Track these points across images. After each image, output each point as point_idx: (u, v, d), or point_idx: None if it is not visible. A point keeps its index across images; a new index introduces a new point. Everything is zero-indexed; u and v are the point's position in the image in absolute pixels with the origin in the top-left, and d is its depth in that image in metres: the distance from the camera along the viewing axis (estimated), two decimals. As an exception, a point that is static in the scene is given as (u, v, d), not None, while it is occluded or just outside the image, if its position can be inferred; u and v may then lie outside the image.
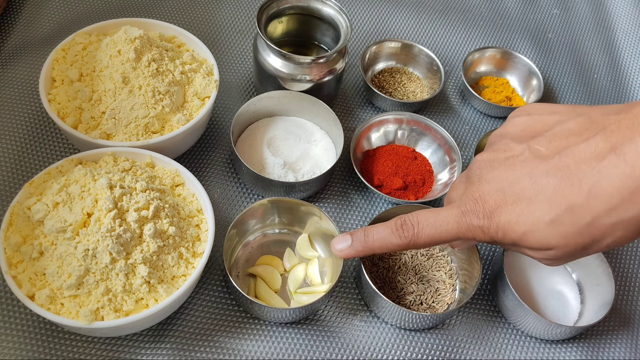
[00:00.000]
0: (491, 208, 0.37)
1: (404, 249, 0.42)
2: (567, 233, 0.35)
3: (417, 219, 0.40)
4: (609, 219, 0.34)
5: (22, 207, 0.47)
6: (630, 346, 0.56)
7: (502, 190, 0.37)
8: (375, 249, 0.43)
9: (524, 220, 0.36)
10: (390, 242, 0.42)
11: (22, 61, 0.67)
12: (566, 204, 0.34)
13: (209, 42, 0.72)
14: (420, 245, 0.41)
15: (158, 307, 0.44)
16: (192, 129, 0.56)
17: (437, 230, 0.40)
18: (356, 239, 0.44)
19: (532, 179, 0.36)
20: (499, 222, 0.37)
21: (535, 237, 0.36)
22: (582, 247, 0.36)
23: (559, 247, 0.36)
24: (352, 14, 0.82)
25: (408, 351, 0.53)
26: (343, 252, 0.44)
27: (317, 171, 0.59)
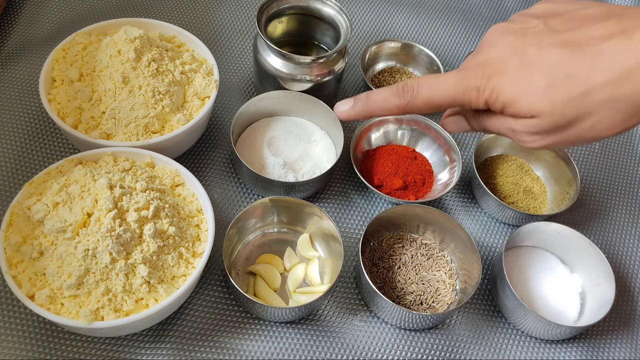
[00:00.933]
0: (492, 71, 0.38)
1: (402, 111, 0.42)
2: (557, 100, 0.36)
3: (418, 81, 0.41)
4: (602, 93, 0.35)
5: (22, 207, 0.47)
6: (630, 346, 0.56)
7: (507, 55, 0.38)
8: (375, 109, 0.43)
9: (520, 83, 0.37)
10: (389, 102, 0.42)
11: (22, 61, 0.67)
12: (565, 72, 0.36)
13: (209, 42, 0.72)
14: (418, 107, 0.41)
15: (158, 307, 0.44)
16: (192, 129, 0.56)
17: (435, 90, 0.40)
18: (358, 100, 0.44)
19: (539, 48, 0.37)
20: (496, 83, 0.38)
21: (526, 99, 0.37)
22: (568, 120, 0.37)
23: (544, 115, 0.37)
24: (352, 14, 0.82)
25: (408, 351, 0.53)
26: (345, 112, 0.45)
27: (317, 171, 0.59)
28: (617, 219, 0.66)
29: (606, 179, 0.70)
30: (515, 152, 0.67)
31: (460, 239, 0.55)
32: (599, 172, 0.70)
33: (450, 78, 0.40)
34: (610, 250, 0.63)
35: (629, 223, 0.66)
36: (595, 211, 0.66)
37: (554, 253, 0.60)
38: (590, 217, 0.66)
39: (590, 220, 0.65)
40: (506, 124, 0.40)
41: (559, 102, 0.36)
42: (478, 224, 0.63)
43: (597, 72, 0.35)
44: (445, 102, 0.41)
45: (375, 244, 0.58)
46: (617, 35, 0.35)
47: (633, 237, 0.65)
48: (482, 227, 0.63)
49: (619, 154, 0.73)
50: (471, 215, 0.63)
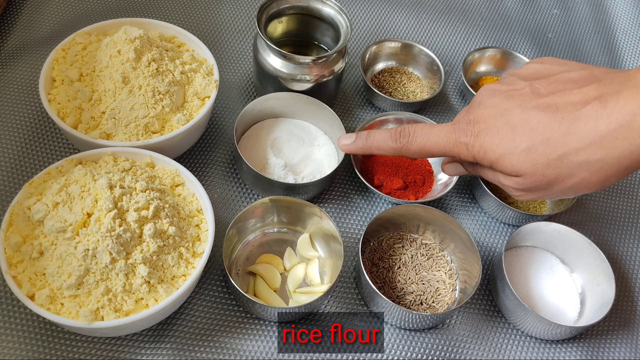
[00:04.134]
0: (480, 129, 0.41)
1: (397, 154, 0.46)
2: (538, 162, 0.38)
3: (415, 129, 0.45)
4: (577, 157, 0.37)
5: (22, 207, 0.47)
6: (630, 346, 0.56)
7: (494, 116, 0.41)
8: (373, 148, 0.48)
9: (504, 144, 0.40)
10: (386, 145, 0.47)
11: (22, 61, 0.67)
12: (544, 135, 0.38)
13: (209, 42, 0.72)
14: (411, 152, 0.45)
15: (158, 307, 0.44)
16: (192, 129, 0.56)
17: (428, 140, 0.44)
18: (359, 137, 0.49)
19: (522, 110, 0.39)
20: (483, 142, 0.41)
21: (509, 160, 0.40)
22: (548, 180, 0.39)
23: (527, 175, 0.40)
24: (352, 14, 0.82)
25: (408, 351, 0.53)
26: (346, 146, 0.51)
27: (317, 175, 0.59)
28: (617, 219, 0.66)
29: (606, 179, 0.70)
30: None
31: (460, 239, 0.55)
32: (599, 172, 0.70)
33: (443, 131, 0.43)
34: (610, 250, 0.63)
35: (629, 223, 0.66)
36: (595, 211, 0.66)
37: (554, 253, 0.60)
38: (590, 217, 0.66)
39: (590, 220, 0.65)
40: (496, 178, 0.43)
41: (538, 164, 0.39)
42: (478, 224, 0.63)
43: (573, 137, 0.37)
44: (437, 152, 0.44)
45: (375, 244, 0.58)
46: (593, 101, 0.37)
47: (633, 237, 0.65)
48: (482, 227, 0.63)
49: (619, 154, 0.72)
50: (471, 215, 0.63)
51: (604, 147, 0.36)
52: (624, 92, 0.36)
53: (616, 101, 0.36)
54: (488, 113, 0.41)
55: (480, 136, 0.41)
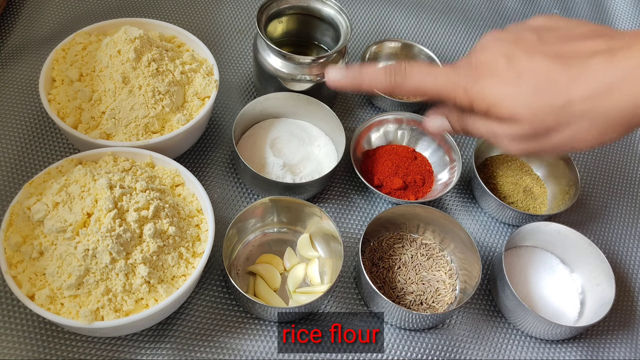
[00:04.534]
0: (481, 73, 0.39)
1: (389, 91, 0.43)
2: (538, 108, 0.38)
3: (411, 66, 0.42)
4: (581, 106, 0.37)
5: (22, 207, 0.47)
6: (630, 346, 0.56)
7: (497, 59, 0.39)
8: (364, 84, 0.44)
9: (506, 88, 0.38)
10: (378, 80, 0.43)
11: (22, 61, 0.67)
12: (549, 82, 0.37)
13: (209, 42, 0.72)
14: (405, 89, 0.42)
15: (158, 307, 0.44)
16: (192, 129, 0.56)
17: (424, 79, 0.41)
18: (350, 71, 0.44)
19: (528, 55, 0.38)
20: (483, 85, 0.39)
21: (508, 104, 0.38)
22: (547, 127, 0.38)
23: (524, 121, 0.38)
24: (352, 14, 0.82)
25: (408, 351, 0.53)
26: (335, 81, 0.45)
27: (316, 175, 0.59)
28: (617, 219, 0.66)
29: (606, 179, 0.70)
30: (515, 152, 0.67)
31: (460, 239, 0.55)
32: (599, 172, 0.70)
33: (442, 72, 0.41)
34: (610, 250, 0.63)
35: (629, 223, 0.66)
36: (595, 211, 0.66)
37: (554, 253, 0.60)
38: (590, 217, 0.66)
39: (590, 220, 0.65)
40: (489, 127, 0.41)
41: (540, 110, 0.38)
42: (478, 224, 0.63)
43: (579, 85, 0.36)
44: (432, 92, 0.42)
45: (375, 244, 0.58)
46: (602, 53, 0.36)
47: (633, 237, 0.65)
48: (482, 227, 0.63)
49: (619, 154, 0.73)
50: (471, 215, 0.63)
51: (609, 98, 0.36)
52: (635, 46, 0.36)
53: (625, 55, 0.36)
54: (491, 56, 0.40)
55: (480, 79, 0.39)
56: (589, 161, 0.71)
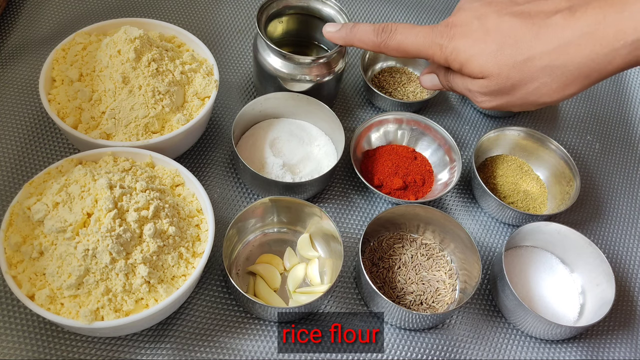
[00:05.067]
0: (455, 32, 0.43)
1: (376, 49, 0.48)
2: (504, 64, 0.41)
3: (396, 27, 0.46)
4: (541, 61, 0.40)
5: (22, 207, 0.47)
6: (630, 346, 0.56)
7: (470, 20, 0.43)
8: (355, 40, 0.49)
9: (475, 46, 0.42)
10: (367, 38, 0.48)
11: (22, 61, 0.67)
12: (513, 39, 0.40)
13: (209, 42, 0.72)
14: (390, 48, 0.47)
15: (158, 307, 0.44)
16: (192, 129, 0.56)
17: (406, 38, 0.45)
18: (344, 27, 0.50)
19: (497, 15, 0.42)
20: (457, 44, 0.43)
21: (477, 61, 0.42)
22: (512, 83, 0.41)
23: (492, 76, 0.42)
24: (352, 14, 0.82)
25: (408, 351, 0.53)
26: (330, 33, 0.52)
27: (316, 175, 0.59)
28: (617, 219, 0.66)
29: (606, 179, 0.70)
30: (515, 152, 0.67)
31: (460, 239, 0.55)
32: (599, 172, 0.70)
33: (422, 31, 0.45)
34: (610, 250, 0.63)
35: (629, 223, 0.66)
36: (595, 211, 0.66)
37: (554, 253, 0.60)
38: (590, 217, 0.66)
39: (590, 220, 0.65)
40: (464, 84, 0.45)
41: (504, 66, 0.41)
42: (478, 224, 0.63)
43: (540, 42, 0.39)
44: (412, 50, 0.46)
45: (375, 244, 0.58)
46: (563, 10, 0.39)
47: (633, 237, 0.65)
48: (482, 227, 0.63)
49: (619, 154, 0.73)
50: (471, 215, 0.63)
51: (567, 53, 0.39)
52: (593, 3, 0.38)
53: (584, 11, 0.38)
54: (465, 17, 0.43)
55: (455, 38, 0.43)
56: (589, 161, 0.71)
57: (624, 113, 0.78)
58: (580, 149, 0.72)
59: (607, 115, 0.77)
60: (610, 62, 0.38)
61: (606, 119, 0.76)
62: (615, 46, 0.38)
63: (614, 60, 0.38)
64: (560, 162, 0.64)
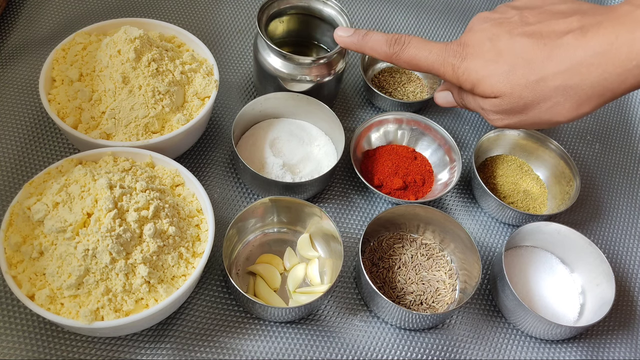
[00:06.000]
0: (468, 52, 0.43)
1: (388, 59, 0.47)
2: (516, 84, 0.41)
3: (410, 39, 0.46)
4: (554, 81, 0.39)
5: (22, 207, 0.47)
6: (630, 346, 0.56)
7: (483, 40, 0.43)
8: (366, 48, 0.49)
9: (487, 66, 0.42)
10: (379, 48, 0.47)
11: (22, 61, 0.67)
12: (525, 59, 0.40)
13: (209, 42, 0.72)
14: (401, 61, 0.47)
15: (158, 307, 0.44)
16: (192, 129, 0.56)
17: (420, 53, 0.45)
18: (357, 34, 0.49)
19: (509, 36, 0.42)
20: (469, 64, 0.43)
21: (490, 82, 0.42)
22: (525, 103, 0.41)
23: (505, 96, 0.42)
24: (352, 14, 0.82)
25: (408, 351, 0.53)
26: (342, 38, 0.51)
27: (316, 175, 0.59)
28: (617, 219, 0.66)
29: (606, 179, 0.70)
30: (515, 152, 0.67)
31: (460, 239, 0.55)
32: (599, 172, 0.70)
33: (435, 48, 0.45)
34: (610, 250, 0.63)
35: (629, 223, 0.66)
36: (595, 211, 0.66)
37: (554, 253, 0.60)
38: (590, 217, 0.66)
39: (590, 220, 0.65)
40: (477, 102, 0.45)
41: (517, 86, 0.41)
42: (478, 224, 0.63)
43: (552, 62, 0.39)
44: (424, 66, 0.46)
45: (375, 244, 0.58)
46: (575, 30, 0.39)
47: (633, 237, 0.65)
48: (482, 227, 0.63)
49: (619, 154, 0.73)
50: (471, 215, 0.63)
51: (580, 73, 0.39)
52: (605, 23, 0.38)
53: (596, 31, 0.38)
54: (477, 37, 0.43)
55: (467, 59, 0.43)
56: (589, 161, 0.71)
57: (624, 113, 0.78)
58: (580, 149, 0.72)
59: (607, 115, 0.77)
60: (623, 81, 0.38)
61: (606, 119, 0.76)
62: (627, 66, 0.37)
63: (626, 80, 0.38)
64: (560, 162, 0.64)
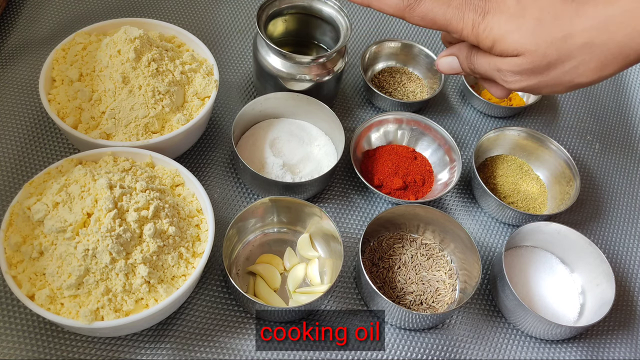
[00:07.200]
0: (490, 7, 0.41)
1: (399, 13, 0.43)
2: (541, 41, 0.39)
3: None
4: (581, 38, 0.38)
5: (22, 207, 0.47)
6: (630, 346, 0.56)
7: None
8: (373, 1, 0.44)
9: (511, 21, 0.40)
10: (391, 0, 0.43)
11: (22, 61, 0.67)
12: (552, 15, 0.39)
13: (209, 42, 0.72)
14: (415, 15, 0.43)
15: (158, 307, 0.44)
16: (192, 129, 0.56)
17: (436, 7, 0.42)
18: None
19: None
20: (490, 20, 0.40)
21: (513, 37, 0.40)
22: (548, 61, 0.39)
23: (528, 54, 0.39)
24: (352, 14, 0.82)
25: (408, 351, 0.53)
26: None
27: (316, 174, 0.59)
28: (617, 219, 0.66)
29: (606, 179, 0.70)
30: (515, 152, 0.67)
31: (460, 239, 0.55)
32: (599, 172, 0.70)
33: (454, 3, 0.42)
34: (610, 250, 0.63)
35: (629, 223, 0.66)
36: (595, 211, 0.66)
37: (554, 253, 0.60)
38: (590, 217, 0.66)
39: (590, 220, 0.65)
40: (493, 63, 0.42)
41: (542, 43, 0.39)
42: (478, 224, 0.63)
43: (580, 19, 0.38)
44: (441, 21, 0.42)
45: (375, 244, 0.58)
46: None
47: (633, 237, 0.65)
48: (482, 227, 0.63)
49: (619, 154, 0.73)
50: (471, 215, 0.63)
51: (608, 31, 0.37)
52: None
53: None
54: None
55: (489, 14, 0.41)
56: (589, 161, 0.71)
57: (624, 113, 0.78)
58: (580, 149, 0.72)
59: (607, 115, 0.77)
60: None
61: (606, 119, 0.76)
62: None
63: None
64: (560, 162, 0.64)
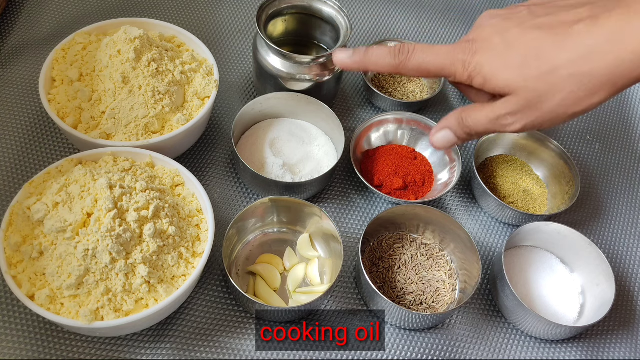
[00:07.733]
0: (478, 47, 0.42)
1: (394, 70, 0.45)
2: (529, 76, 0.40)
3: (414, 46, 0.45)
4: (566, 70, 0.39)
5: (22, 207, 0.47)
6: (630, 346, 0.56)
7: (492, 35, 0.42)
8: (370, 64, 0.46)
9: (499, 60, 0.41)
10: (384, 60, 0.45)
11: (22, 61, 0.67)
12: (537, 50, 0.40)
13: (209, 42, 0.72)
14: (409, 69, 0.45)
15: (158, 307, 0.44)
16: (192, 129, 0.56)
17: (427, 57, 0.44)
18: (357, 53, 0.47)
19: (520, 29, 0.41)
20: (479, 59, 0.42)
21: (502, 74, 0.41)
22: (539, 95, 0.40)
23: (518, 90, 0.41)
24: (352, 14, 0.82)
25: (408, 351, 0.53)
26: (342, 60, 0.47)
27: (316, 175, 0.59)
28: (617, 219, 0.66)
29: (606, 179, 0.70)
30: (515, 152, 0.67)
31: (460, 239, 0.55)
32: (599, 172, 0.70)
33: (442, 49, 0.44)
34: (610, 250, 0.63)
35: (629, 223, 0.66)
36: (595, 211, 0.66)
37: (554, 253, 0.60)
38: (590, 217, 0.66)
39: (590, 220, 0.65)
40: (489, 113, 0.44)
41: (530, 78, 0.40)
42: (478, 224, 0.63)
43: (564, 51, 0.39)
44: (434, 69, 0.44)
45: (375, 244, 0.58)
46: (585, 19, 0.39)
47: (633, 237, 0.65)
48: (482, 227, 0.63)
49: (619, 154, 0.73)
50: (471, 215, 0.63)
51: (592, 60, 0.38)
52: (615, 10, 0.38)
53: (607, 18, 0.38)
54: (487, 32, 0.43)
55: (477, 53, 0.42)
56: (589, 161, 0.71)
57: (624, 113, 0.78)
58: (580, 149, 0.72)
59: (607, 115, 0.77)
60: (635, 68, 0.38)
61: (606, 119, 0.76)
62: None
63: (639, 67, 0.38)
64: (560, 162, 0.64)
